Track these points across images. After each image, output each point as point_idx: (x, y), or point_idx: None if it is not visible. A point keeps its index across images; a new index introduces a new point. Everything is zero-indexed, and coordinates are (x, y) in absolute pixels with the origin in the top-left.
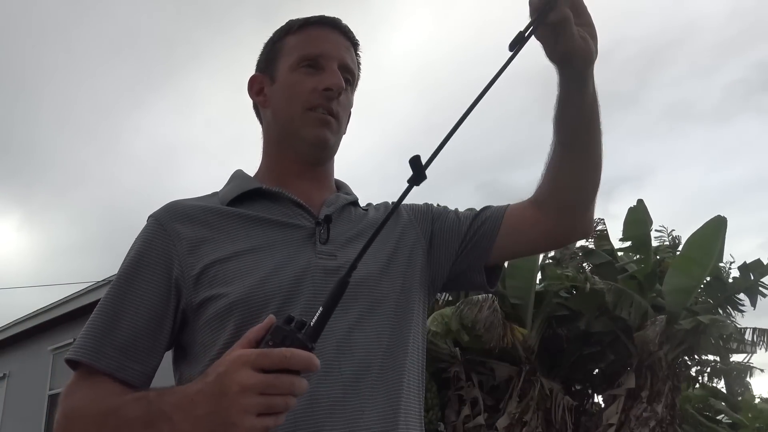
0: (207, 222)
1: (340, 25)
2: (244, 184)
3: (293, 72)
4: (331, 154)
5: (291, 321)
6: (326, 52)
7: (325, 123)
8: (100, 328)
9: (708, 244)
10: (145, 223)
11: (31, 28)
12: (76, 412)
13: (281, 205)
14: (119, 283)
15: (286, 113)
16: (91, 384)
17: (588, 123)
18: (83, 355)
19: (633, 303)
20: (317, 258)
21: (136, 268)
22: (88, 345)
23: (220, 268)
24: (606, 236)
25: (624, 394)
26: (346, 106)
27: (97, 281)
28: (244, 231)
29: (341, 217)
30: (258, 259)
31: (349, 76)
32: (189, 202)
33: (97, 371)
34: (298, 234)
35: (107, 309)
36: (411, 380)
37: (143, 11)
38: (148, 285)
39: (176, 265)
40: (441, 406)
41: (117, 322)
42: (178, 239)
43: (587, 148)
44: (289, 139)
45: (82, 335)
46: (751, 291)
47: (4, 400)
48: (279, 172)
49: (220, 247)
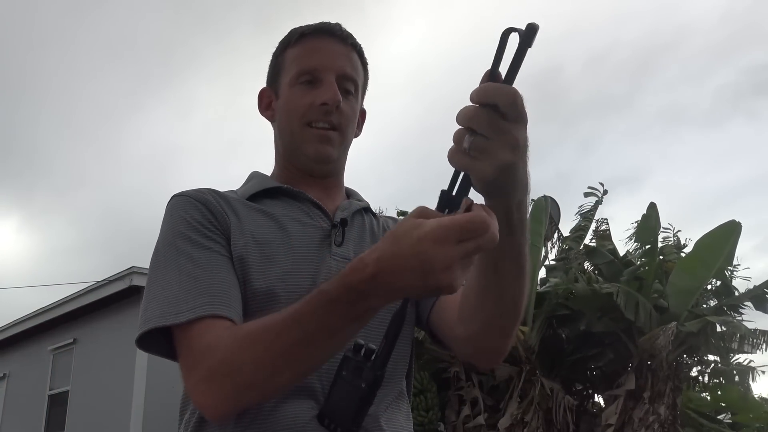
0: (234, 209)
1: (339, 32)
2: (264, 182)
3: (292, 88)
4: (336, 167)
5: (360, 349)
6: (322, 65)
7: (325, 139)
8: (207, 285)
9: (718, 247)
10: (169, 202)
11: (32, 33)
12: (241, 348)
13: (300, 205)
14: (192, 247)
15: (288, 129)
16: (228, 333)
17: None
18: (210, 309)
19: (638, 304)
20: (332, 258)
21: (198, 230)
22: (217, 301)
23: (242, 256)
24: (608, 236)
25: (623, 395)
26: (349, 114)
27: (97, 281)
28: (267, 225)
29: (354, 221)
30: (278, 253)
31: (350, 84)
32: (212, 191)
33: (224, 324)
34: (316, 234)
35: (199, 268)
36: (408, 384)
37: (142, 17)
38: (220, 244)
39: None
40: (441, 406)
41: (212, 277)
42: (215, 213)
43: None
44: (294, 154)
45: (194, 295)
46: (758, 300)
47: (4, 400)
48: (291, 179)
49: (243, 234)
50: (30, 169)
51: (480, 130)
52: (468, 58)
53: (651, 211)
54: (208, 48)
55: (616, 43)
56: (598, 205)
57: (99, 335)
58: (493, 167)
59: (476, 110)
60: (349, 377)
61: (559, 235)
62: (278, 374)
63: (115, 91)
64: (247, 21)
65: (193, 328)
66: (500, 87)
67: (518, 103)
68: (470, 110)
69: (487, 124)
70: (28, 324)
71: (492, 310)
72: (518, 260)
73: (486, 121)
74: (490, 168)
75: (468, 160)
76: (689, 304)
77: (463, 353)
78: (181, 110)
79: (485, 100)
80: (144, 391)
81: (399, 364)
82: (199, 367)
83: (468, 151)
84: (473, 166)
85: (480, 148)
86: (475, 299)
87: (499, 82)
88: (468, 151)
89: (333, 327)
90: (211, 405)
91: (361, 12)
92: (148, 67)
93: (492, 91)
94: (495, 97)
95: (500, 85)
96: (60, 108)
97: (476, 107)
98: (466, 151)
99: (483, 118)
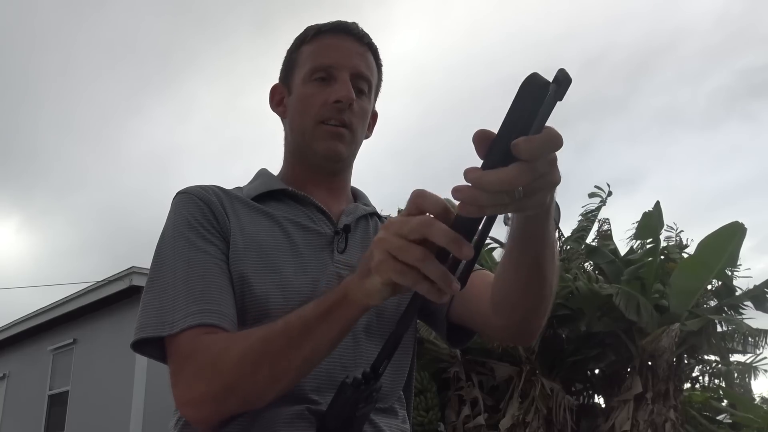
0: (234, 209)
1: (355, 31)
2: (270, 182)
3: (306, 84)
4: (346, 165)
5: (358, 384)
6: (338, 62)
7: (337, 136)
8: (200, 291)
9: (720, 249)
10: (174, 199)
11: (33, 35)
12: (223, 352)
13: (305, 209)
14: (189, 250)
15: (300, 126)
16: (215, 336)
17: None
18: (201, 318)
19: (639, 304)
20: (333, 266)
21: (197, 231)
22: (208, 309)
23: (242, 258)
24: (610, 236)
25: (632, 398)
26: (361, 114)
27: (97, 281)
28: (269, 227)
29: (358, 227)
30: (279, 258)
31: (364, 83)
32: (216, 188)
33: (215, 332)
34: (318, 240)
35: (194, 273)
36: (408, 390)
37: (142, 19)
38: (218, 247)
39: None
40: (441, 406)
41: (206, 283)
42: (216, 213)
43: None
44: (304, 151)
45: (187, 302)
46: (758, 300)
47: (4, 400)
48: (298, 179)
49: (244, 236)
50: (30, 169)
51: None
52: (466, 60)
53: (655, 209)
54: (207, 50)
55: (613, 45)
56: (601, 206)
57: (99, 335)
58: (547, 194)
59: (519, 171)
60: (346, 401)
61: (559, 235)
62: (260, 379)
63: (115, 92)
64: (245, 23)
65: (183, 336)
66: (545, 135)
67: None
68: (514, 172)
69: (547, 162)
70: (28, 324)
71: (533, 299)
72: (554, 247)
73: (532, 176)
74: (545, 196)
75: (519, 204)
76: (690, 305)
77: (501, 337)
78: (180, 111)
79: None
80: (144, 391)
81: (397, 379)
82: (183, 371)
83: (520, 196)
84: (525, 204)
85: (534, 188)
86: (517, 292)
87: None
88: (520, 196)
89: (317, 335)
90: (192, 408)
91: (360, 14)
92: (147, 68)
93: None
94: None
95: (540, 134)
96: (60, 109)
97: (518, 168)
98: (516, 198)
99: (528, 176)
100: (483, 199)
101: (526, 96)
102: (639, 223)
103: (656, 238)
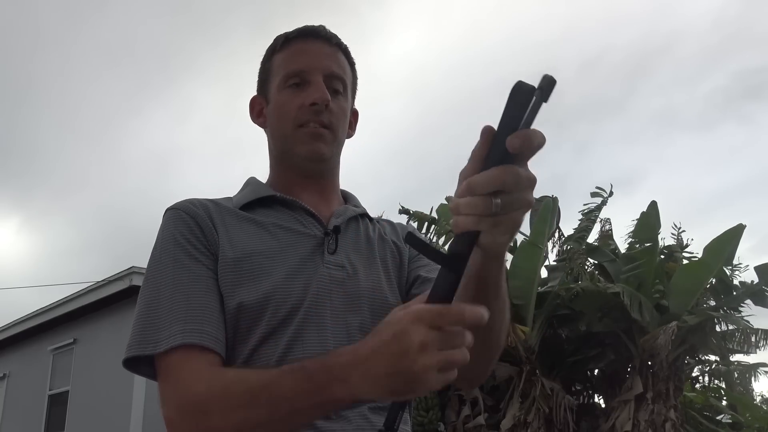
0: (223, 221)
1: (323, 33)
2: (258, 190)
3: (281, 91)
4: (330, 165)
5: None
6: (309, 66)
7: (318, 137)
8: (184, 310)
9: (722, 250)
10: (164, 215)
11: (33, 37)
12: (209, 396)
13: (294, 213)
14: (174, 269)
15: (280, 132)
16: (203, 367)
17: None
18: (182, 338)
19: (641, 303)
20: (324, 267)
21: (184, 249)
22: (190, 328)
23: (232, 269)
24: (610, 236)
25: (633, 399)
26: (340, 113)
27: (97, 281)
28: (258, 235)
29: (348, 228)
30: (269, 264)
31: (339, 83)
32: (206, 201)
33: (197, 353)
34: (309, 243)
35: (178, 292)
36: None
37: (141, 22)
38: (204, 264)
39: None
40: (441, 406)
41: (191, 302)
42: (204, 229)
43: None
44: (287, 156)
45: (170, 321)
46: (757, 296)
47: (4, 400)
48: (285, 185)
49: (233, 247)
50: (30, 170)
51: (508, 189)
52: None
53: (651, 209)
54: (206, 51)
55: (610, 46)
56: (602, 206)
57: (99, 335)
58: (522, 214)
59: (503, 171)
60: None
61: (560, 235)
62: (245, 427)
63: (115, 94)
64: (244, 25)
65: (169, 356)
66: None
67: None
68: (498, 172)
69: (515, 183)
70: (28, 324)
71: (480, 345)
72: (503, 294)
73: (514, 180)
74: (520, 216)
75: (496, 220)
76: (690, 305)
77: None
78: (180, 112)
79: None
80: (144, 391)
81: None
82: (172, 402)
83: (496, 213)
84: (501, 220)
85: (513, 202)
86: None
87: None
88: (496, 213)
89: (297, 404)
90: (170, 427)
91: (358, 16)
92: (147, 69)
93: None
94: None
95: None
96: (60, 110)
97: (503, 169)
98: (493, 213)
99: (511, 178)
100: (477, 205)
101: (513, 104)
102: (636, 223)
103: (654, 237)
